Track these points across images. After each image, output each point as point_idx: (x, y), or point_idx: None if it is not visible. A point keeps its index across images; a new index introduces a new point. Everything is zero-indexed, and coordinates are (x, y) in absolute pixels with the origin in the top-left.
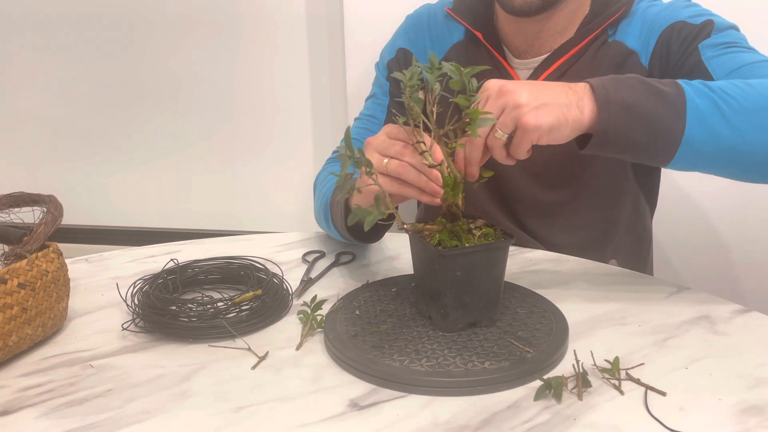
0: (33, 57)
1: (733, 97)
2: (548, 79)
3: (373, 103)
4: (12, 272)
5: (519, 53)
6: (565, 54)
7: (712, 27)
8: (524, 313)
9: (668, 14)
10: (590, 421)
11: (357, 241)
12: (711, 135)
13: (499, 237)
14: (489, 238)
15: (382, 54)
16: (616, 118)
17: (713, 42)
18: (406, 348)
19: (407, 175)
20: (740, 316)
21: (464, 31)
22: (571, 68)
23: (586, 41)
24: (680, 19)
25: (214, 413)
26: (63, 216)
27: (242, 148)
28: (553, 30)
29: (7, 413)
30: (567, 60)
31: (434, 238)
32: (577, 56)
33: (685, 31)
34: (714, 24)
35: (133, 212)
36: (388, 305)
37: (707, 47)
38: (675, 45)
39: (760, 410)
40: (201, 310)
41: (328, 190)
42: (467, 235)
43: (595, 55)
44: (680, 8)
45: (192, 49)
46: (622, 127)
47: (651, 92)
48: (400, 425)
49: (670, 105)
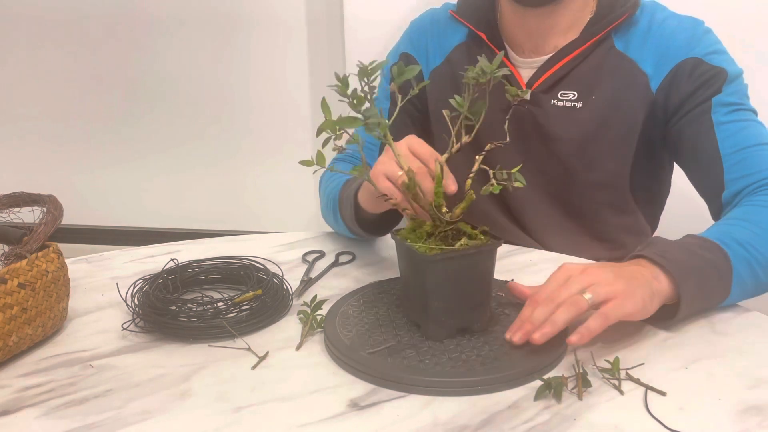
0: (32, 57)
1: (761, 252)
2: (551, 79)
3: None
4: (12, 272)
5: (522, 52)
6: (569, 54)
7: (725, 78)
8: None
9: (687, 41)
10: (590, 421)
11: (365, 235)
12: (746, 294)
13: (485, 240)
14: (474, 240)
15: (389, 58)
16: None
17: (724, 100)
18: (406, 348)
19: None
20: (740, 316)
21: (467, 32)
22: (575, 70)
23: (589, 43)
24: (698, 56)
25: (214, 413)
26: (63, 216)
27: (242, 148)
28: (557, 28)
29: (7, 413)
30: (570, 61)
31: (420, 245)
32: (581, 58)
33: (698, 72)
34: (727, 75)
35: (133, 212)
36: (389, 305)
37: (719, 105)
38: (687, 85)
39: (760, 410)
40: (201, 310)
41: (336, 185)
42: (451, 240)
43: (601, 62)
44: (699, 36)
45: (193, 49)
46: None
47: (709, 266)
48: (400, 425)
49: (720, 277)
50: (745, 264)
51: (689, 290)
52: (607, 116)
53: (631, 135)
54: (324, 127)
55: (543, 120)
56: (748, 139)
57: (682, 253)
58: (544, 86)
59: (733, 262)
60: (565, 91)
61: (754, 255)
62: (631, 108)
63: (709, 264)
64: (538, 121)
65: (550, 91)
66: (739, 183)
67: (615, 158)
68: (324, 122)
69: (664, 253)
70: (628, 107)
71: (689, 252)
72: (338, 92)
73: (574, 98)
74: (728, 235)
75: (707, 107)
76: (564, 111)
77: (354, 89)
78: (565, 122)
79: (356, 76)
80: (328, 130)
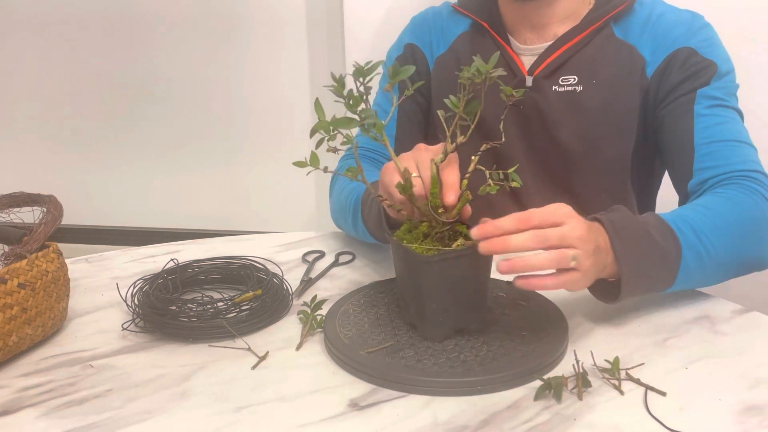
0: (33, 57)
1: (713, 245)
2: (552, 65)
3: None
4: (12, 272)
5: (524, 40)
6: (569, 41)
7: (715, 72)
8: (524, 312)
9: (684, 32)
10: (590, 421)
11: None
12: (692, 284)
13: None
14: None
15: (389, 54)
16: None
17: (709, 93)
18: (406, 348)
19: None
20: (740, 316)
21: (470, 22)
22: (575, 55)
23: (589, 30)
24: (692, 47)
25: (214, 413)
26: (63, 216)
27: (242, 148)
28: (557, 17)
29: (7, 413)
30: (571, 47)
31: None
32: (581, 45)
33: (690, 62)
34: (717, 69)
35: (133, 212)
36: (388, 305)
37: (703, 97)
38: (677, 74)
39: (760, 410)
40: (201, 310)
41: (355, 188)
42: (448, 241)
43: (601, 48)
44: (697, 28)
45: (192, 50)
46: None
47: (658, 253)
48: (400, 425)
49: (668, 266)
50: (695, 255)
51: (632, 277)
52: (608, 100)
53: (631, 120)
54: (318, 128)
55: (544, 106)
56: (723, 133)
57: (637, 231)
58: (546, 72)
59: (683, 252)
60: (566, 76)
61: (706, 246)
62: (630, 93)
63: (658, 250)
64: (540, 107)
65: (552, 76)
66: (705, 173)
67: (616, 143)
68: (318, 123)
69: (620, 230)
70: (627, 92)
71: (643, 233)
72: (334, 92)
73: (575, 82)
74: (687, 224)
75: (692, 98)
76: (565, 96)
77: (350, 90)
78: (566, 107)
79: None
80: (321, 130)
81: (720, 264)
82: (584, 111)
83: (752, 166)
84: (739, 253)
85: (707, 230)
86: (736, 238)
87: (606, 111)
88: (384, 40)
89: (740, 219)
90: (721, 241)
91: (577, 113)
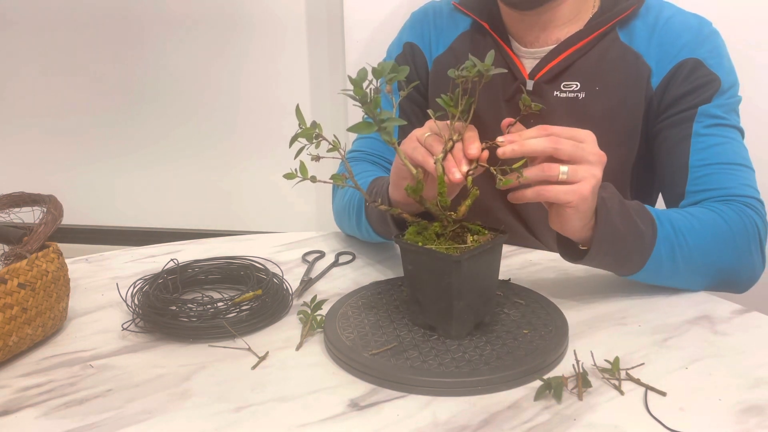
0: (33, 57)
1: (689, 244)
2: (554, 70)
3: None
4: (12, 272)
5: (525, 43)
6: (573, 46)
7: (718, 87)
8: (524, 312)
9: (692, 40)
10: (590, 421)
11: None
12: (661, 277)
13: (491, 233)
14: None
15: (389, 51)
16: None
17: (710, 111)
18: (407, 348)
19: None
20: (740, 316)
21: (471, 22)
22: (578, 61)
23: (594, 35)
24: (699, 58)
25: (214, 413)
26: (63, 216)
27: (242, 148)
28: (558, 21)
29: (7, 413)
30: (574, 52)
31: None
32: (585, 50)
33: (695, 75)
34: (720, 84)
35: (133, 212)
36: (389, 305)
37: (703, 115)
38: (682, 86)
39: (760, 410)
40: (201, 310)
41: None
42: (458, 239)
43: (605, 54)
44: (704, 37)
45: (192, 49)
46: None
47: (634, 232)
48: (400, 425)
49: (640, 248)
50: (668, 247)
51: (604, 242)
52: (611, 108)
53: (634, 129)
54: (301, 135)
55: (544, 111)
56: (720, 156)
57: (620, 206)
58: (547, 77)
59: (658, 240)
60: (568, 82)
61: (681, 244)
62: (635, 101)
63: (636, 230)
64: (540, 111)
65: (553, 82)
66: (698, 196)
67: (618, 153)
68: (302, 130)
69: (606, 199)
70: (631, 100)
71: (625, 211)
72: (352, 96)
73: (577, 89)
74: (668, 219)
75: (692, 114)
76: (566, 102)
77: (366, 92)
78: (567, 114)
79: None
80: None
81: (691, 265)
82: (586, 119)
83: (747, 192)
84: (713, 261)
85: (685, 229)
86: (711, 244)
87: (609, 119)
88: (384, 40)
89: (720, 228)
90: (697, 242)
91: (579, 121)
